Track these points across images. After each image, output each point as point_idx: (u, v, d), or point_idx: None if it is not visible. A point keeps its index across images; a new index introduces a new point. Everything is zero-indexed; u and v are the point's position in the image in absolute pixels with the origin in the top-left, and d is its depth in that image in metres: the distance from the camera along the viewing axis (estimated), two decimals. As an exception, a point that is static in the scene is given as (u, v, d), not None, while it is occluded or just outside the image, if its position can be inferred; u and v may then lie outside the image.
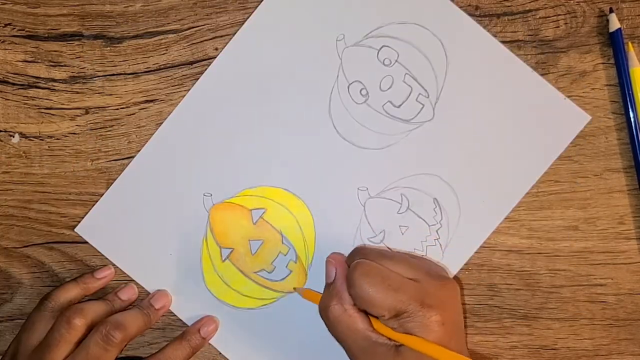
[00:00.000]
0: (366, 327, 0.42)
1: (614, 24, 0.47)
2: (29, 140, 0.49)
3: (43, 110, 0.49)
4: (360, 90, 0.48)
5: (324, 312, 0.43)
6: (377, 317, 0.42)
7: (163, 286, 0.49)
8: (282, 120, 0.48)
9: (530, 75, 0.48)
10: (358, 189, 0.48)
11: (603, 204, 0.48)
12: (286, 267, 0.48)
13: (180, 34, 0.49)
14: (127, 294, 0.48)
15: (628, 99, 0.47)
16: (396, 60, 0.48)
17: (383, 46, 0.48)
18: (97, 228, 0.49)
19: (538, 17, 0.48)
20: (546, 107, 0.48)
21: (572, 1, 0.48)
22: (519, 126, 0.48)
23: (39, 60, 0.49)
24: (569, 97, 0.48)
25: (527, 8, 0.48)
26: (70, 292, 0.48)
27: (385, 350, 0.41)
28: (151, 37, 0.49)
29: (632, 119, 0.47)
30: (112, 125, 0.49)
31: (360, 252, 0.45)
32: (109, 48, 0.49)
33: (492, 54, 0.48)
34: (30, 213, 0.49)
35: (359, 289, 0.41)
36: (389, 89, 0.48)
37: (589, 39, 0.48)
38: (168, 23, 0.49)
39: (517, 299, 0.48)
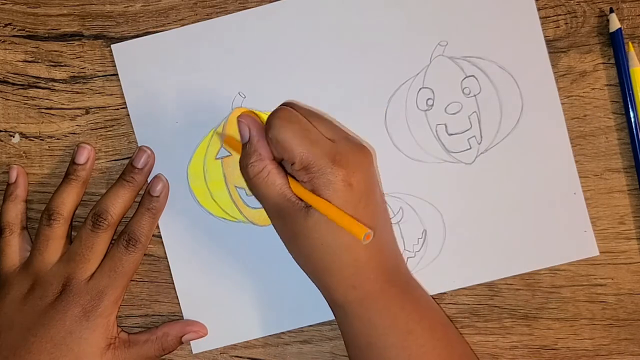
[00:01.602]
0: (283, 184, 0.43)
1: (614, 24, 0.47)
2: (29, 140, 0.49)
3: (43, 110, 0.49)
4: (427, 100, 0.48)
5: (244, 171, 0.43)
6: (290, 165, 0.42)
7: (153, 141, 0.48)
8: (345, 90, 0.48)
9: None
10: None
11: (603, 204, 0.48)
12: None
13: (176, 28, 0.49)
14: (83, 156, 0.48)
15: (628, 99, 0.47)
16: (475, 95, 0.48)
17: (472, 76, 0.48)
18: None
19: (538, 17, 0.48)
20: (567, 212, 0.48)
21: (572, 1, 0.48)
22: (536, 220, 0.48)
23: (39, 60, 0.49)
24: (569, 97, 0.48)
25: (527, 8, 0.48)
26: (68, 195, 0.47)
27: (297, 209, 0.42)
28: (151, 37, 0.49)
29: (632, 119, 0.47)
30: (112, 125, 0.49)
31: (287, 104, 0.45)
32: (109, 48, 0.49)
33: (554, 148, 0.48)
34: (31, 213, 0.49)
35: (276, 131, 0.42)
36: (452, 114, 0.48)
37: (589, 39, 0.48)
38: (168, 23, 0.49)
39: (517, 299, 0.48)
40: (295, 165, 0.42)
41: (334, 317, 0.45)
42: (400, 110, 0.48)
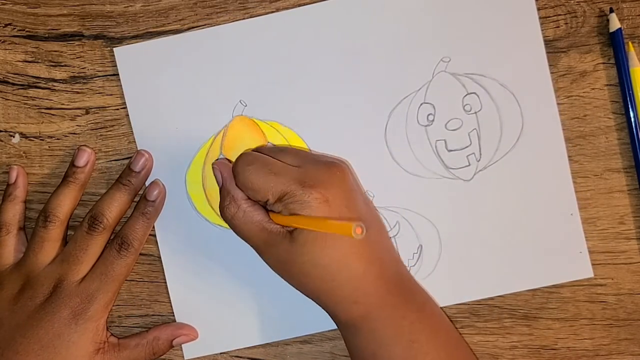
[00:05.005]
0: (262, 219, 0.43)
1: (614, 23, 0.47)
2: (29, 140, 0.49)
3: (43, 110, 0.49)
4: (428, 115, 0.48)
5: (222, 215, 0.44)
6: (265, 204, 0.43)
7: (153, 146, 0.48)
8: (346, 102, 0.48)
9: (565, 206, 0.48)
10: (366, 191, 0.48)
11: (603, 204, 0.48)
12: None
13: (180, 34, 0.49)
14: (82, 159, 0.48)
15: (628, 99, 0.47)
16: (475, 112, 0.48)
17: (474, 93, 0.48)
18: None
19: (538, 17, 0.48)
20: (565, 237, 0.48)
21: (572, 1, 0.48)
22: (532, 240, 0.48)
23: (39, 60, 0.49)
24: (569, 97, 0.48)
25: (527, 8, 0.48)
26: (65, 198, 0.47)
27: (281, 237, 0.42)
28: (151, 37, 0.49)
29: (632, 119, 0.47)
30: (112, 125, 0.49)
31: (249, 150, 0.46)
32: (109, 48, 0.49)
33: (552, 168, 0.48)
34: (30, 213, 0.49)
35: (241, 177, 0.43)
36: (452, 130, 0.48)
37: (589, 39, 0.48)
38: (168, 23, 0.49)
39: (517, 299, 0.48)
40: (269, 202, 0.42)
41: (328, 326, 0.45)
42: (400, 124, 0.48)
